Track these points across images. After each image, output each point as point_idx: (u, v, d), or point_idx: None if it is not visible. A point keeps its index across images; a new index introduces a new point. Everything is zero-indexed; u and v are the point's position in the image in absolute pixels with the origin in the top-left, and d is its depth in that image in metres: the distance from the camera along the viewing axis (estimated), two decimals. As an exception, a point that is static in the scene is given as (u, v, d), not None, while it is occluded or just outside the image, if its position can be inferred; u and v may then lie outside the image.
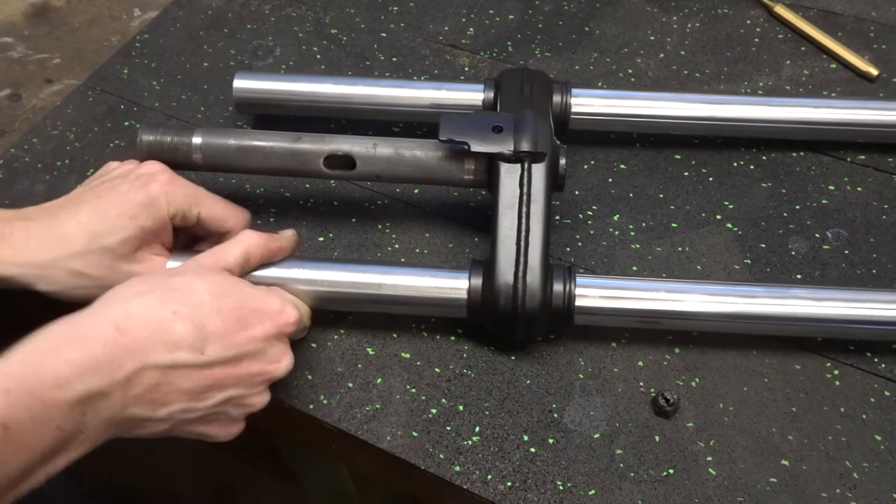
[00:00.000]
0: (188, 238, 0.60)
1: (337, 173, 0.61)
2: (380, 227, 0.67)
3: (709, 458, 0.55)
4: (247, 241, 0.55)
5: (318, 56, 0.81)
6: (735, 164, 0.72)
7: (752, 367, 0.59)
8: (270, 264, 0.57)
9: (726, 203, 0.69)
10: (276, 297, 0.53)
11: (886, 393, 0.58)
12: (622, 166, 0.72)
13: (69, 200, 0.56)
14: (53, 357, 0.43)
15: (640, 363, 0.59)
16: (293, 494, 1.13)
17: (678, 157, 0.72)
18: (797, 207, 0.68)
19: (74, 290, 0.54)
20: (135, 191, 0.55)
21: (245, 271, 0.55)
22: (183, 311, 0.48)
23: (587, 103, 0.68)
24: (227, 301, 0.50)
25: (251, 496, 1.20)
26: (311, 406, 0.57)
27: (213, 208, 0.58)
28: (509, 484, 0.54)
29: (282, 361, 0.52)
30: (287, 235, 0.57)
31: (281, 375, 0.52)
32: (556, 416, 0.57)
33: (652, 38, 0.83)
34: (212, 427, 0.51)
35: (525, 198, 0.57)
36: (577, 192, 0.69)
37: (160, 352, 0.46)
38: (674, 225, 0.67)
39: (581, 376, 0.59)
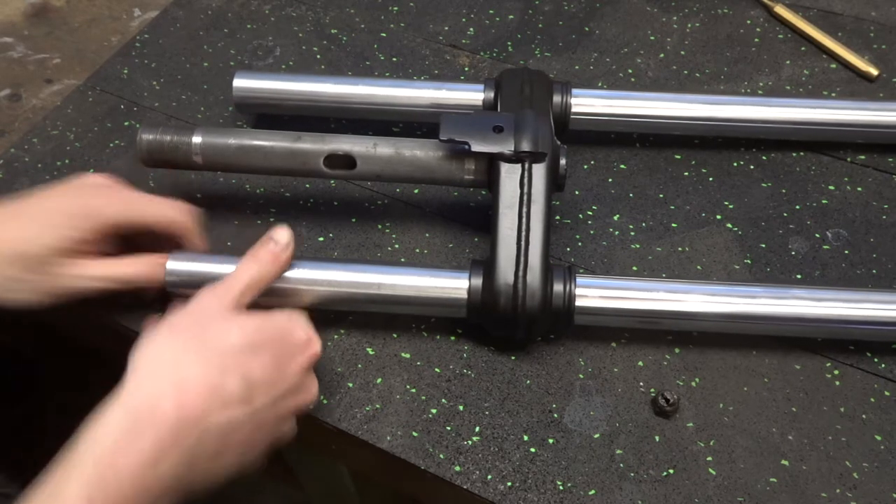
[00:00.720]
0: (150, 240, 0.60)
1: (337, 173, 0.61)
2: (380, 227, 0.67)
3: (709, 458, 0.55)
4: (256, 271, 0.54)
5: (318, 56, 0.81)
6: (735, 164, 0.72)
7: (752, 367, 0.59)
8: None
9: (726, 203, 0.69)
10: (300, 328, 0.53)
11: (886, 393, 0.58)
12: (622, 166, 0.72)
13: (13, 205, 0.57)
14: (125, 453, 0.43)
15: (640, 363, 0.59)
16: (293, 494, 1.13)
17: (678, 157, 0.72)
18: (797, 207, 0.68)
19: (15, 294, 0.55)
20: (67, 200, 0.56)
21: (257, 297, 0.55)
22: (228, 366, 0.48)
23: (587, 103, 0.68)
24: (263, 345, 0.50)
25: (251, 496, 1.20)
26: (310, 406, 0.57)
27: (158, 212, 0.58)
28: (509, 484, 0.54)
29: (311, 390, 0.53)
30: (283, 244, 0.56)
31: (312, 404, 0.53)
32: (556, 416, 0.57)
33: (652, 38, 0.82)
34: (246, 458, 0.51)
35: (525, 198, 0.57)
36: (577, 192, 0.69)
37: (217, 414, 0.47)
38: (674, 225, 0.67)
39: (581, 376, 0.59)
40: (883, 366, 0.59)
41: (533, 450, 0.55)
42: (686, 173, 0.71)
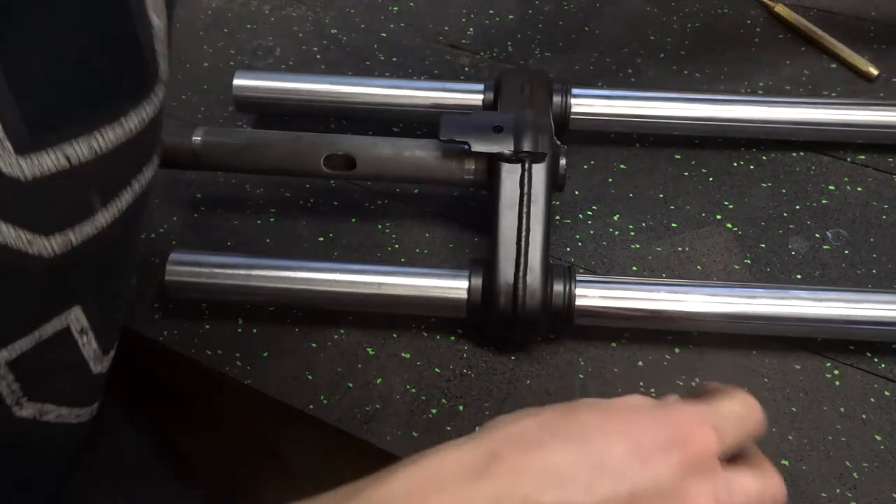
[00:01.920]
0: None
1: (337, 173, 0.61)
2: (380, 227, 0.67)
3: (709, 458, 0.55)
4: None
5: (318, 56, 0.81)
6: (735, 164, 0.72)
7: (752, 367, 0.59)
8: (268, 266, 0.57)
9: (726, 203, 0.69)
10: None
11: (886, 393, 0.58)
12: (622, 166, 0.72)
13: None
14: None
15: (640, 363, 0.59)
16: (293, 494, 1.13)
17: (678, 157, 0.72)
18: (797, 207, 0.68)
19: None
20: None
21: None
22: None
23: (587, 104, 0.68)
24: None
25: (251, 496, 1.20)
26: (311, 406, 0.57)
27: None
28: (509, 484, 0.54)
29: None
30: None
31: None
32: (556, 416, 0.57)
33: (652, 38, 0.82)
34: None
35: (525, 198, 0.57)
36: (577, 192, 0.69)
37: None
38: (674, 225, 0.67)
39: (581, 376, 0.59)
40: (883, 366, 0.59)
41: (533, 450, 0.55)
42: (686, 173, 0.71)
